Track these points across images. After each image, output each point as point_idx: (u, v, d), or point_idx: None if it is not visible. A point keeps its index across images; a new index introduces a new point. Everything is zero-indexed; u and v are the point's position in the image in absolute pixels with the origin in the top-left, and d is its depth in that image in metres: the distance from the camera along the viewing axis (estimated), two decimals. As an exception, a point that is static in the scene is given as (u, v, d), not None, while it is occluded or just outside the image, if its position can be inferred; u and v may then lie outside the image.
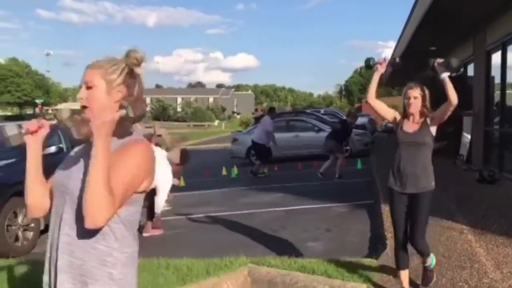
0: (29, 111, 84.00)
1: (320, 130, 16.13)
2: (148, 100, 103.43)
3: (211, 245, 6.50)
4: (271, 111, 14.04)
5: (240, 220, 7.79)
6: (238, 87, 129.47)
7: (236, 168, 14.29)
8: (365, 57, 4.18)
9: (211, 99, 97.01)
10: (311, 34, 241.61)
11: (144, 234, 7.33)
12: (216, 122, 57.68)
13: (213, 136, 38.06)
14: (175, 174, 8.73)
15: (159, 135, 36.66)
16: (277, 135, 16.63)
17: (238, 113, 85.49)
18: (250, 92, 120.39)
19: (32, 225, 7.06)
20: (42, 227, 7.31)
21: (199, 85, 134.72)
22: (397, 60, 5.48)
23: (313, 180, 11.21)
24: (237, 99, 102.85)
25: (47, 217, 5.90)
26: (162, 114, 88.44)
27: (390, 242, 5.43)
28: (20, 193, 6.89)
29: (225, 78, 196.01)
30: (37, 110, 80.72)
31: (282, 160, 15.79)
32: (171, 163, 9.50)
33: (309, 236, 6.43)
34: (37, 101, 77.69)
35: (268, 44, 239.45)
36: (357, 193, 9.22)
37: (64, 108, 1.88)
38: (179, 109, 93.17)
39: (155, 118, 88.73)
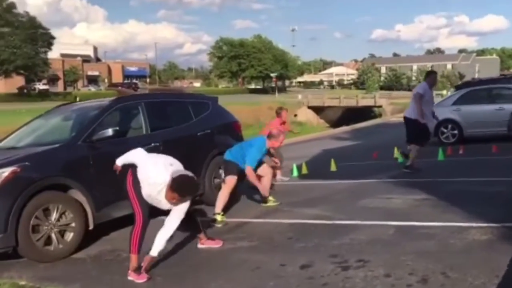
0: (273, 84, 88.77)
1: (535, 100, 11.90)
2: (383, 69, 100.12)
3: (250, 278, 4.50)
4: (429, 75, 9.90)
5: (327, 236, 5.47)
6: (482, 52, 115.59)
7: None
8: None
9: (449, 66, 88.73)
10: None
11: (199, 246, 5.63)
12: (445, 91, 51.56)
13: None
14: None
15: (380, 106, 34.51)
16: (475, 108, 13.11)
17: (478, 80, 76.20)
18: (494, 56, 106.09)
19: (73, 224, 5.87)
20: (91, 227, 6.14)
21: (438, 51, 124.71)
22: None
23: (493, 174, 8.00)
24: (479, 64, 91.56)
25: (97, 216, 3.45)
26: (395, 83, 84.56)
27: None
28: (55, 187, 5.39)
29: (470, 43, 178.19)
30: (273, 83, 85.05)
31: (475, 140, 12.22)
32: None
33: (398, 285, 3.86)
34: (271, 74, 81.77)
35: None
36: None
37: None
38: (413, 78, 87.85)
39: (388, 87, 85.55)
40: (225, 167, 7.03)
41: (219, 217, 6.65)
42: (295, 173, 10.52)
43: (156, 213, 5.06)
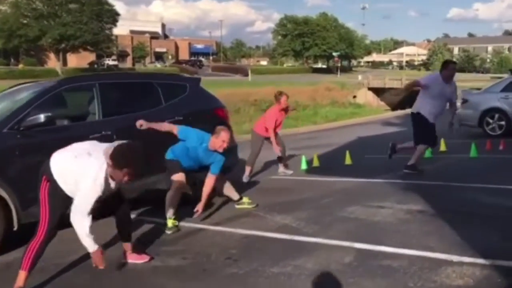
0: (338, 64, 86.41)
1: None
2: (455, 50, 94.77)
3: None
4: (446, 67, 7.73)
5: (273, 259, 4.31)
6: None
7: (443, 143, 9.94)
8: None
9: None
10: None
11: (123, 260, 4.65)
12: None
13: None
14: None
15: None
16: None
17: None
18: None
19: (-9, 224, 5.09)
20: (15, 227, 5.31)
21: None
22: None
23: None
24: None
25: (23, 215, 2.76)
26: (467, 64, 79.70)
27: None
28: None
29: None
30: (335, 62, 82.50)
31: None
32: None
33: None
34: (334, 54, 79.31)
35: None
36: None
37: None
38: (488, 60, 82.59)
39: (459, 70, 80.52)
40: (168, 167, 5.93)
41: (169, 223, 5.64)
42: (304, 166, 9.31)
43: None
